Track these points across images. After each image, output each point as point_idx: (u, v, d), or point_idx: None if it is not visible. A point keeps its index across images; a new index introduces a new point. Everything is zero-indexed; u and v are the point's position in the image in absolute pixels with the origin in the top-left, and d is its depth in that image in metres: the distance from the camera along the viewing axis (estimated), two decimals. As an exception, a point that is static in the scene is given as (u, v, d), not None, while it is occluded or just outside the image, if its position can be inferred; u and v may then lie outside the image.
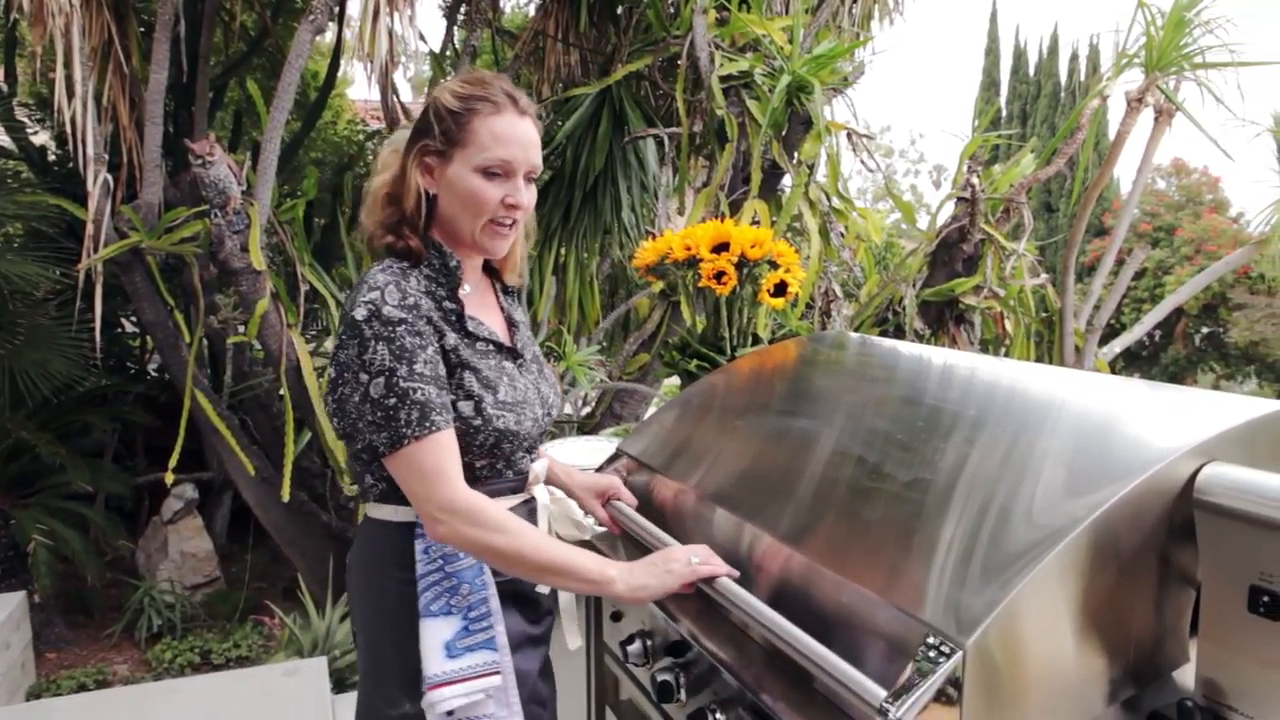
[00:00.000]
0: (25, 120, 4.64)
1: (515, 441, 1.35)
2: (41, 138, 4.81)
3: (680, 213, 3.60)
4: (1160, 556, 1.00)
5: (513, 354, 1.40)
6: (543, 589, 1.42)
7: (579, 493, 1.61)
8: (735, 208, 3.29)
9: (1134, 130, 3.95)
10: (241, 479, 3.76)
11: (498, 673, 1.29)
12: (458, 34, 4.69)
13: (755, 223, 3.07)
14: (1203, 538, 0.97)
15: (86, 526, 4.13)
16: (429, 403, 1.23)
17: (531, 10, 4.76)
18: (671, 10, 4.02)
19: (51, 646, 3.95)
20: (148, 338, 4.79)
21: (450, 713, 1.25)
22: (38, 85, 4.81)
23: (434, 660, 1.25)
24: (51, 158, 4.74)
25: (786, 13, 3.92)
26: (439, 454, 1.23)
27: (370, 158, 4.43)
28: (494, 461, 1.35)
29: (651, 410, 3.89)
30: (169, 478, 3.39)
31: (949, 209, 3.78)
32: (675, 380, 2.33)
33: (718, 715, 1.24)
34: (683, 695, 1.34)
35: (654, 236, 2.16)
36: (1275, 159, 4.11)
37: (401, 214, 1.33)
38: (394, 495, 1.30)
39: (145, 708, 3.14)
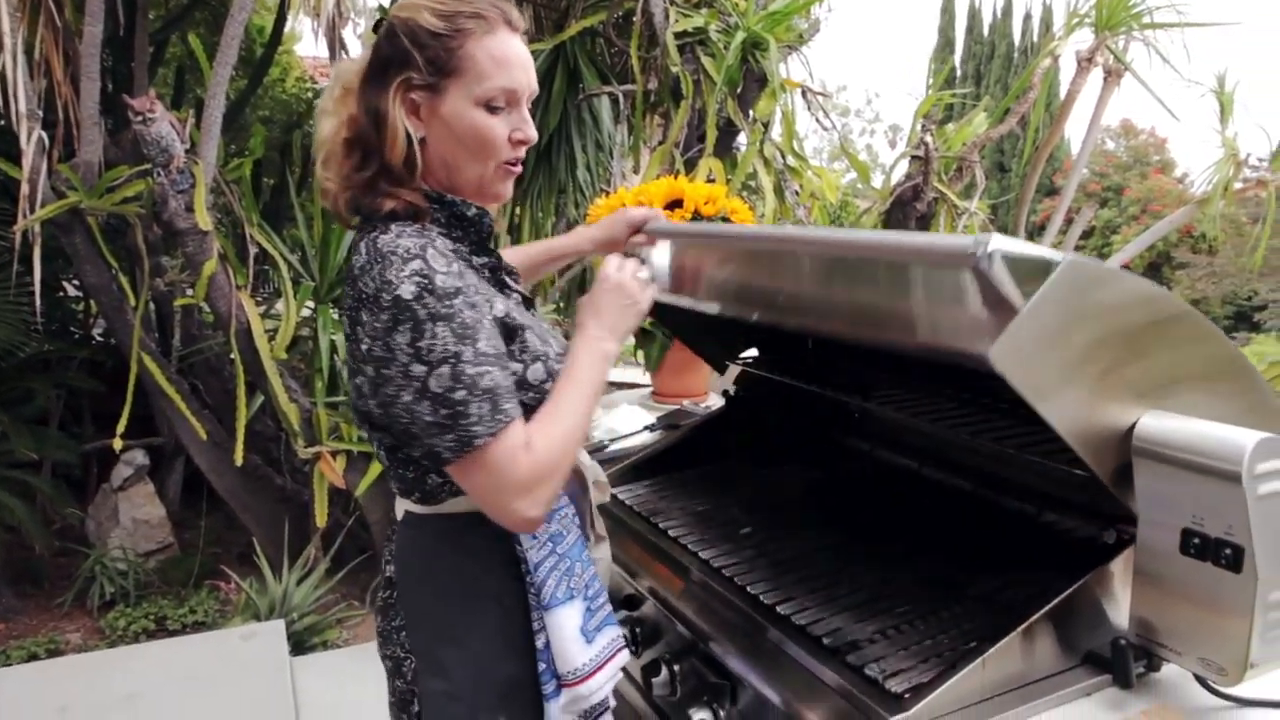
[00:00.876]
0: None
1: None
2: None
3: (635, 171, 3.57)
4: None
5: (529, 302, 1.25)
6: (595, 554, 1.29)
7: (590, 247, 1.53)
8: (690, 166, 3.28)
9: (1084, 90, 4.00)
10: (193, 444, 3.70)
11: (625, 646, 1.19)
12: (407, -12, 4.56)
13: (710, 181, 3.06)
14: (1140, 483, 0.99)
15: (33, 495, 4.04)
16: (498, 389, 1.04)
17: (483, -36, 4.65)
18: (626, -35, 3.95)
19: (0, 617, 3.88)
20: (91, 301, 4.67)
21: (592, 707, 1.13)
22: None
23: (575, 651, 1.11)
24: (-18, 115, 4.56)
25: (742, -32, 3.87)
26: (513, 448, 1.04)
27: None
28: None
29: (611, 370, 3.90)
30: (117, 444, 3.32)
31: (903, 167, 3.80)
32: (629, 340, 2.33)
33: (671, 666, 1.27)
34: (637, 648, 1.36)
35: (609, 194, 2.14)
36: (1218, 120, 4.18)
37: (380, 166, 1.10)
38: None
39: (101, 675, 3.11)
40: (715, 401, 2.16)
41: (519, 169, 1.16)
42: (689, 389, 2.14)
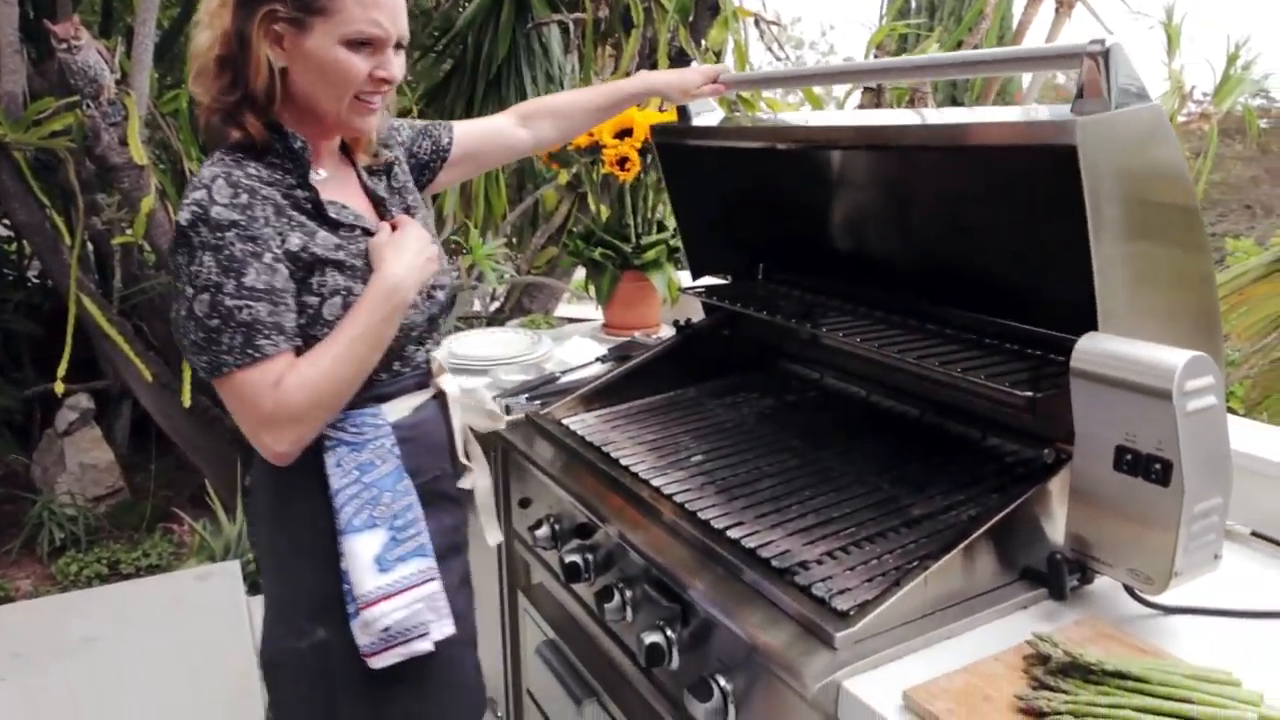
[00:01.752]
0: None
1: (407, 335, 1.25)
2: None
3: (586, 103, 3.50)
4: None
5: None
6: (463, 484, 1.39)
7: (675, 93, 1.57)
8: (642, 97, 3.22)
9: (1035, 21, 3.98)
10: (139, 386, 3.62)
11: (434, 578, 1.23)
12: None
13: (662, 110, 3.02)
14: (1076, 403, 1.02)
15: (-26, 441, 3.95)
16: (256, 323, 1.09)
17: (425, -115, 4.47)
18: (574, -114, 3.82)
19: (-54, 565, 3.82)
20: (24, 242, 4.51)
21: (386, 629, 1.18)
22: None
23: (366, 577, 1.17)
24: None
25: (693, -109, 3.77)
26: (261, 382, 1.11)
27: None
28: (386, 360, 1.24)
29: (564, 305, 3.87)
30: (59, 388, 3.24)
31: (856, 99, 3.78)
32: (584, 275, 2.31)
33: (624, 592, 1.28)
34: (590, 575, 1.38)
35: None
36: (1165, 53, 4.20)
37: (244, 93, 1.14)
38: None
39: (55, 620, 3.08)
40: (667, 333, 2.17)
41: (375, 105, 1.20)
42: (640, 321, 2.14)
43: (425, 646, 1.21)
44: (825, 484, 1.35)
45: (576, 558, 1.38)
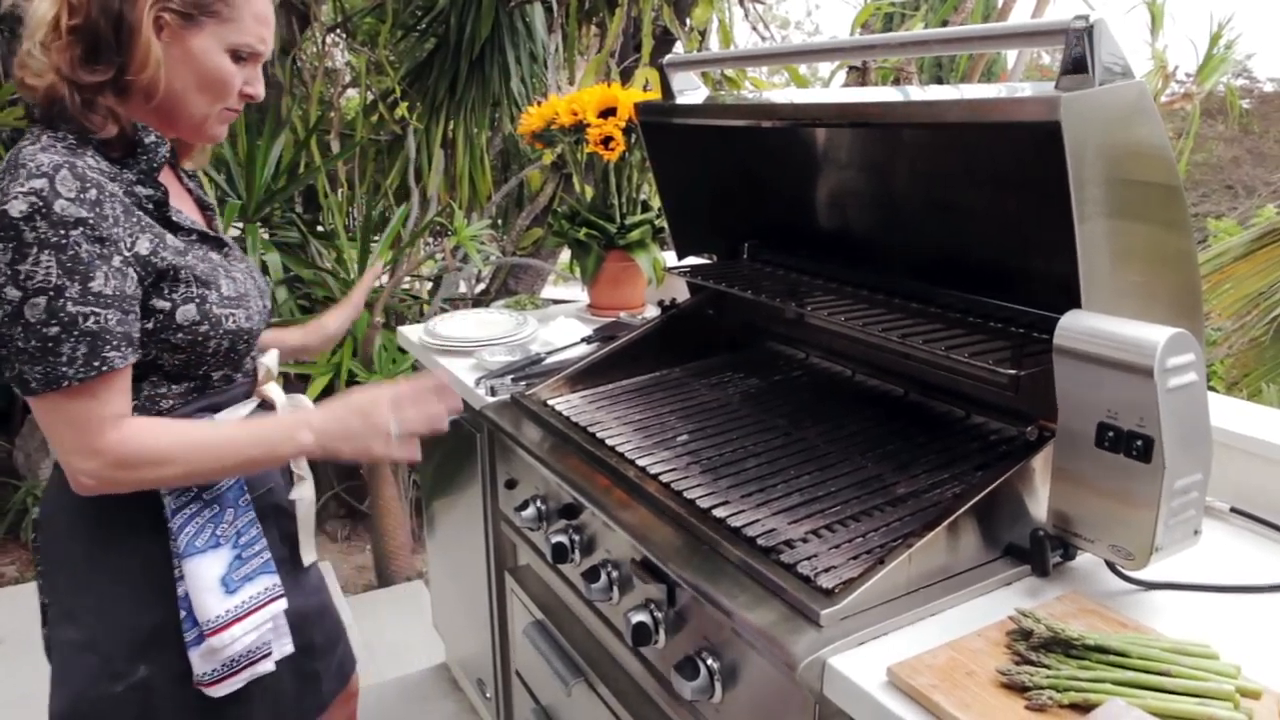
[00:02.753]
0: None
1: (249, 340, 1.20)
2: None
3: (571, 82, 3.48)
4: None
5: (218, 243, 1.21)
6: (293, 494, 1.30)
7: (311, 340, 1.52)
8: (626, 76, 3.21)
9: (1019, 2, 3.98)
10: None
11: (281, 595, 1.18)
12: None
13: (647, 90, 3.00)
14: (1059, 380, 1.02)
15: (-45, 427, 3.91)
16: (104, 333, 1.00)
17: None
18: None
19: (-71, 551, 3.79)
20: None
21: (229, 658, 1.12)
22: None
23: (211, 601, 1.10)
24: None
25: None
26: (108, 391, 1.02)
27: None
28: (228, 368, 1.20)
29: (549, 287, 3.86)
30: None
31: (840, 79, 3.77)
32: (570, 257, 2.30)
33: (610, 572, 1.29)
34: (577, 555, 1.38)
35: (542, 104, 2.09)
36: (1148, 31, 4.21)
37: (114, 77, 1.04)
38: None
39: (35, 606, 3.06)
40: (652, 313, 2.17)
41: (235, 117, 1.18)
42: (625, 301, 2.13)
43: (268, 667, 1.17)
44: (810, 463, 1.35)
45: (563, 538, 1.38)
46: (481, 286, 3.75)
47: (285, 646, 1.20)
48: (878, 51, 1.23)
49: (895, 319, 1.40)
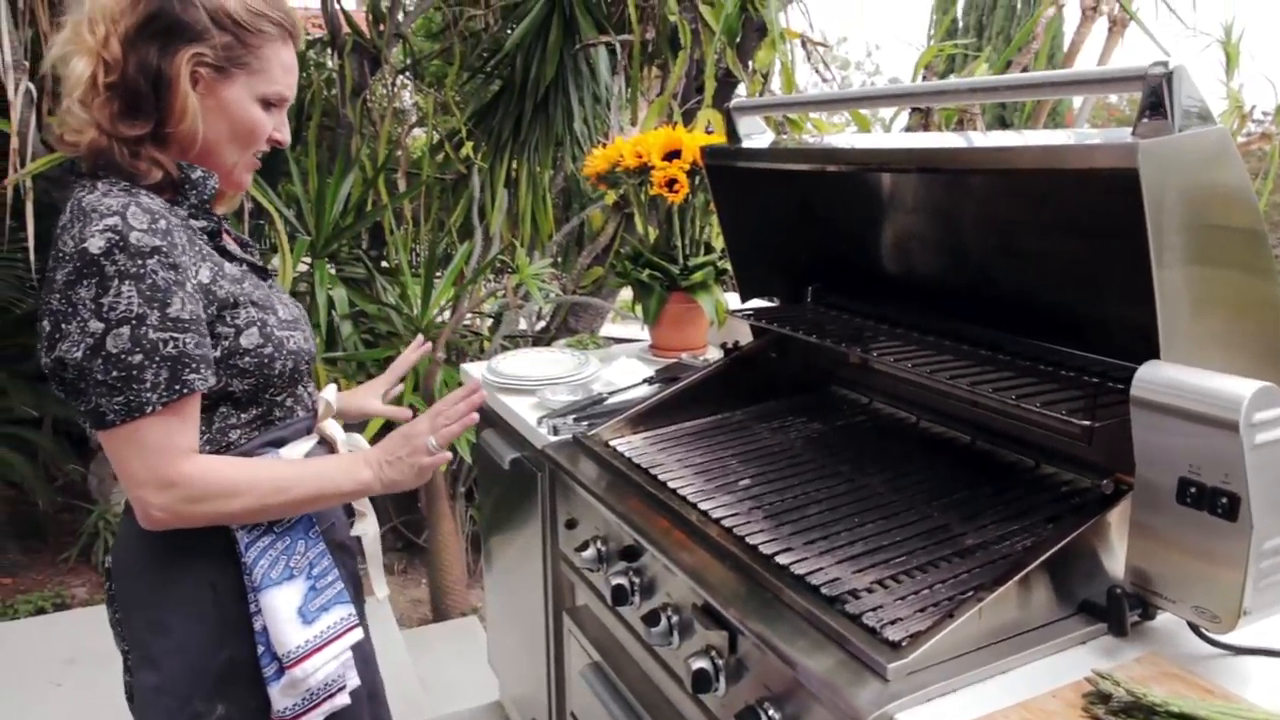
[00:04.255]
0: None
1: (309, 361, 1.23)
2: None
3: (633, 123, 3.53)
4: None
5: (264, 273, 1.27)
6: (355, 531, 1.35)
7: (369, 403, 1.51)
8: (689, 117, 3.23)
9: (1088, 40, 3.93)
10: (193, 400, 3.69)
11: (357, 624, 1.20)
12: (400, -64, 4.47)
13: (709, 132, 3.02)
14: (1137, 432, 0.99)
15: (34, 451, 4.05)
16: (183, 356, 1.04)
17: (477, -90, 4.55)
18: (623, -90, 3.86)
19: (6, 572, 3.91)
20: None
21: (310, 688, 1.14)
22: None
23: (290, 632, 1.12)
24: (-30, 67, 4.48)
25: (741, -86, 3.79)
26: (180, 422, 1.05)
27: (311, 69, 4.26)
28: (291, 394, 1.23)
29: (608, 324, 3.88)
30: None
31: (904, 120, 3.75)
32: (631, 294, 2.32)
33: (670, 616, 1.28)
34: (636, 598, 1.37)
35: (606, 146, 2.12)
36: (1224, 71, 4.11)
37: (155, 130, 1.10)
38: None
39: (106, 628, 3.14)
40: (714, 355, 2.16)
41: (258, 164, 1.23)
42: (687, 342, 2.13)
43: (344, 700, 1.18)
44: (874, 510, 1.33)
45: (623, 580, 1.37)
46: (542, 324, 3.79)
47: (354, 680, 1.21)
48: (948, 98, 1.22)
49: (963, 366, 1.38)
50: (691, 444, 1.60)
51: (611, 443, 1.60)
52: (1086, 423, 1.12)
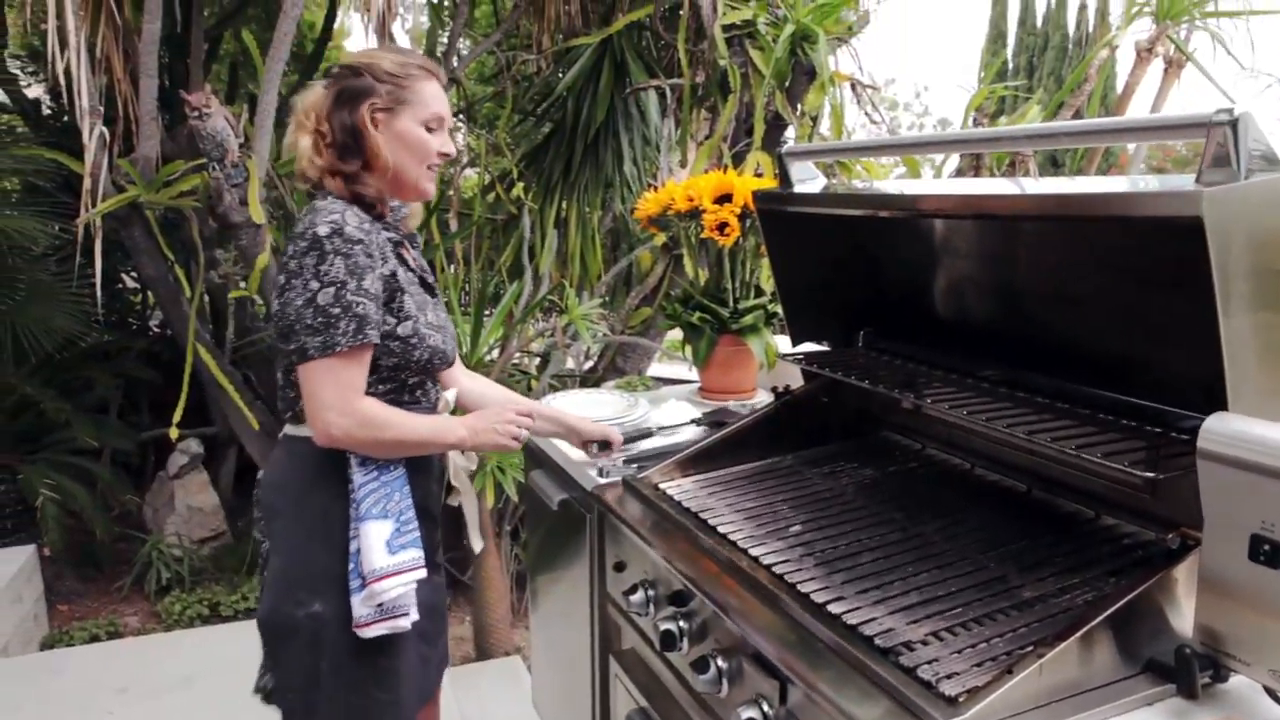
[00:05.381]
0: (18, 73, 4.57)
1: (442, 359, 1.56)
2: (35, 91, 4.74)
3: (683, 165, 3.56)
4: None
5: (430, 289, 1.61)
6: (452, 502, 1.77)
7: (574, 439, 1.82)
8: (738, 160, 3.25)
9: (1142, 81, 3.88)
10: (245, 434, 3.77)
11: (423, 566, 1.48)
12: (456, -17, 4.59)
13: (759, 175, 3.04)
14: (1204, 487, 0.97)
15: (93, 482, 4.14)
16: (368, 317, 1.40)
17: (531, -42, 4.66)
18: (673, -42, 3.94)
19: (63, 599, 4.00)
20: (148, 293, 4.77)
21: (382, 604, 1.43)
22: (29, 37, 4.73)
23: (377, 556, 1.42)
24: (46, 111, 4.67)
25: (791, -40, 3.83)
26: (359, 366, 1.41)
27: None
28: (424, 380, 1.57)
29: (654, 364, 3.89)
30: (173, 433, 3.39)
31: (954, 162, 3.74)
32: (678, 335, 2.32)
33: (719, 663, 1.26)
34: (685, 644, 1.36)
35: (656, 189, 2.14)
36: (1285, 110, 4.03)
37: (362, 165, 1.48)
38: None
39: (158, 657, 3.19)
40: (762, 398, 2.15)
41: (435, 174, 1.56)
42: (737, 385, 2.13)
43: (405, 625, 1.46)
44: (928, 560, 1.31)
45: (671, 625, 1.36)
46: (590, 364, 3.81)
47: (414, 613, 1.48)
48: (1004, 145, 1.22)
49: (1019, 413, 1.36)
50: (741, 488, 1.59)
51: (661, 485, 1.60)
52: (1150, 474, 1.09)
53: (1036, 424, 1.30)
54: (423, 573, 1.47)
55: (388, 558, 1.43)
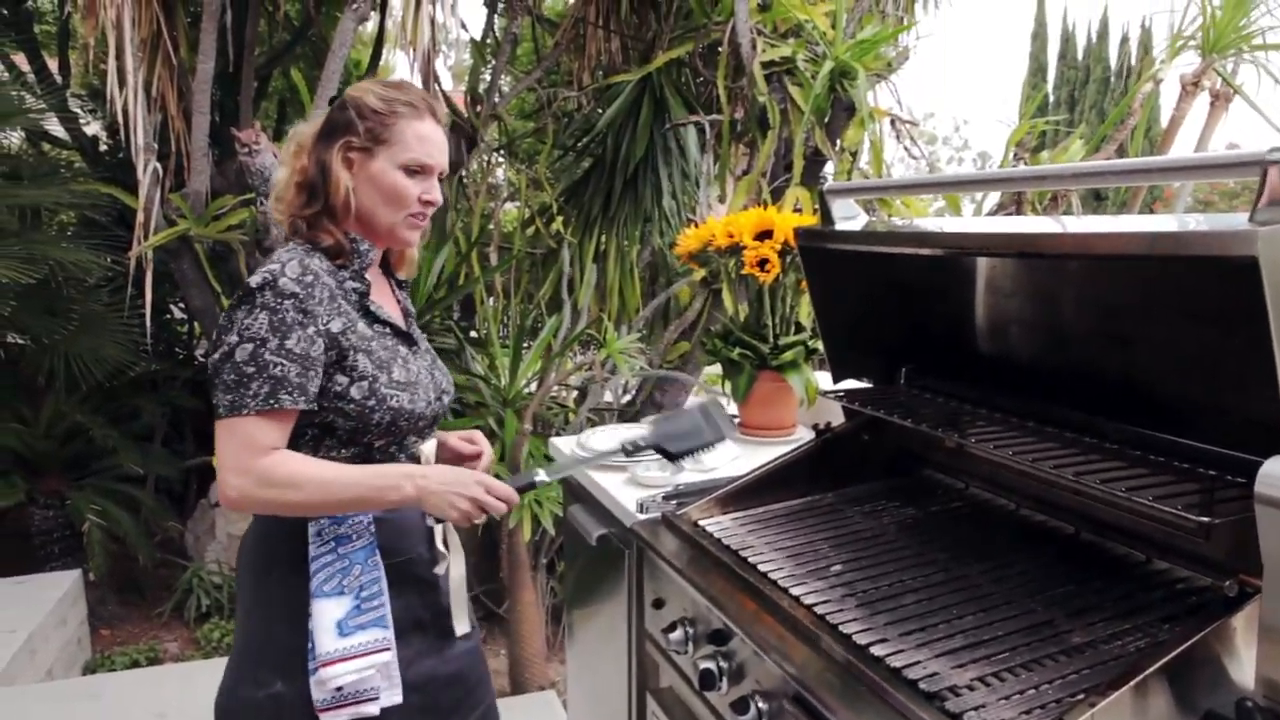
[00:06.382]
0: (78, 111, 4.73)
1: (410, 420, 1.41)
2: (93, 128, 4.90)
3: (721, 200, 3.58)
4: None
5: (408, 339, 1.48)
6: (438, 570, 1.49)
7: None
8: (777, 195, 3.26)
9: (1188, 115, 3.84)
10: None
11: (388, 649, 1.35)
12: (498, 22, 4.69)
13: (798, 210, 3.04)
14: (1265, 533, 0.94)
15: (138, 508, 4.22)
16: (284, 380, 1.27)
17: (572, -3, 4.74)
18: (713, -4, 3.98)
19: (105, 623, 4.05)
20: (195, 324, 4.87)
21: (339, 689, 1.32)
22: (90, 77, 4.89)
23: (326, 639, 1.31)
24: (103, 147, 4.83)
25: (830, -3, 3.86)
26: (270, 426, 1.28)
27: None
28: (391, 440, 1.42)
29: (691, 397, 3.88)
30: (215, 461, 3.45)
31: (995, 197, 3.71)
32: (716, 369, 2.32)
33: (759, 704, 1.24)
34: (724, 684, 1.34)
35: (695, 224, 2.15)
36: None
37: (323, 207, 1.38)
38: None
39: (196, 684, 3.21)
40: (802, 435, 2.14)
41: (421, 223, 1.44)
42: (777, 421, 2.12)
43: (371, 711, 1.34)
44: (973, 602, 1.29)
45: (711, 665, 1.35)
46: (628, 398, 3.81)
47: (394, 697, 1.37)
48: (1049, 183, 1.21)
49: (1066, 453, 1.33)
50: (781, 526, 1.58)
51: (700, 522, 1.59)
52: (1205, 519, 1.06)
53: (1084, 464, 1.27)
54: (387, 655, 1.34)
55: (337, 640, 1.31)
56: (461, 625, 1.53)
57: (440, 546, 1.49)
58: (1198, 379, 1.26)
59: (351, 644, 1.32)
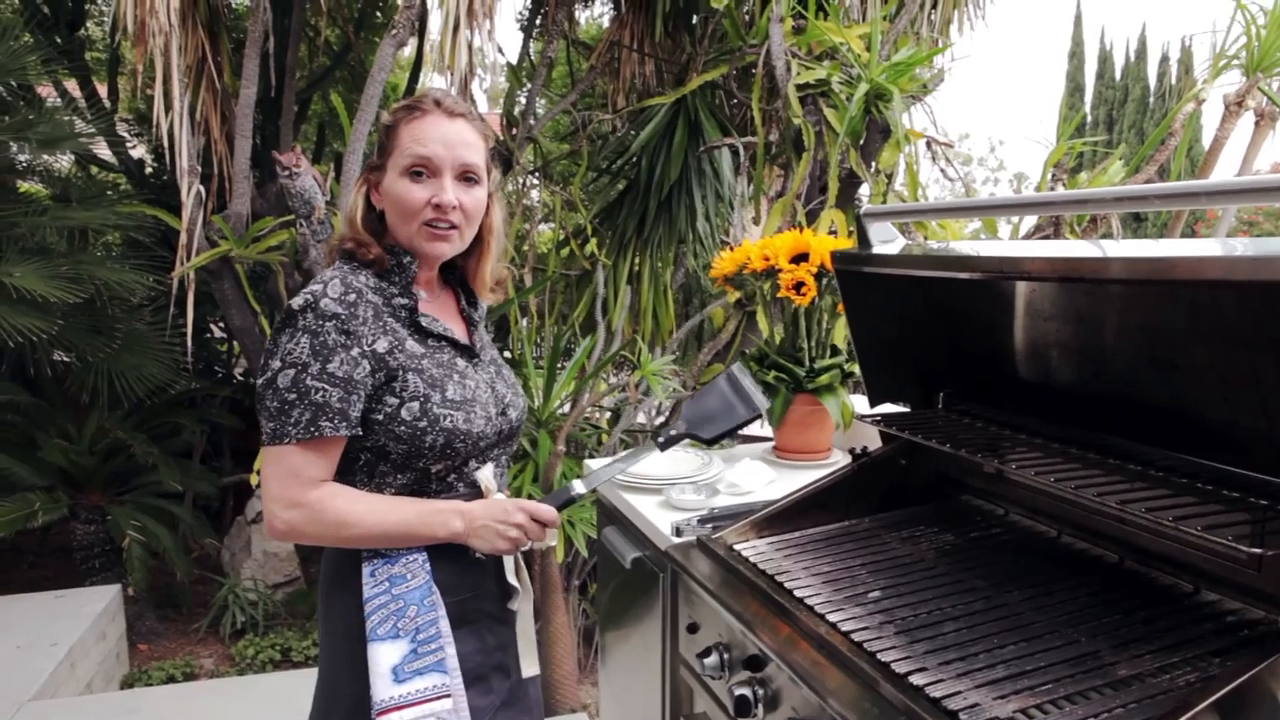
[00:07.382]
0: (125, 135, 4.85)
1: (467, 441, 1.33)
2: (140, 151, 5.02)
3: (756, 222, 3.58)
4: None
5: (468, 352, 1.41)
6: (512, 605, 1.43)
7: None
8: (812, 217, 3.26)
9: (1232, 135, 3.78)
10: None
11: (448, 695, 1.26)
12: (534, 46, 4.75)
13: (833, 233, 3.04)
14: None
15: (176, 524, 4.28)
16: (325, 406, 1.23)
17: (606, 21, 4.79)
18: (747, 19, 4.01)
19: (143, 638, 4.10)
20: (235, 343, 4.95)
21: None
22: (137, 102, 5.02)
23: (381, 685, 1.24)
24: (148, 170, 4.94)
25: (864, 20, 3.87)
26: (317, 456, 1.25)
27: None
28: (449, 466, 1.34)
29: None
30: (253, 479, 3.49)
31: (1031, 219, 3.68)
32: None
33: (797, 733, 1.23)
34: (760, 711, 1.33)
35: (729, 246, 2.15)
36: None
37: (355, 234, 1.36)
38: None
39: (231, 701, 3.24)
40: (838, 458, 2.12)
41: (444, 232, 1.34)
42: (812, 445, 2.10)
43: None
44: (1015, 631, 1.26)
45: (746, 691, 1.33)
46: (661, 419, 3.81)
47: None
48: (1091, 207, 1.19)
49: (1110, 480, 1.31)
50: (818, 551, 1.56)
51: (736, 546, 1.58)
52: (1257, 550, 1.04)
53: (1129, 493, 1.25)
54: (447, 703, 1.26)
55: (393, 687, 1.24)
56: (530, 667, 1.47)
57: (512, 580, 1.42)
58: (1246, 405, 1.23)
59: (407, 691, 1.24)
